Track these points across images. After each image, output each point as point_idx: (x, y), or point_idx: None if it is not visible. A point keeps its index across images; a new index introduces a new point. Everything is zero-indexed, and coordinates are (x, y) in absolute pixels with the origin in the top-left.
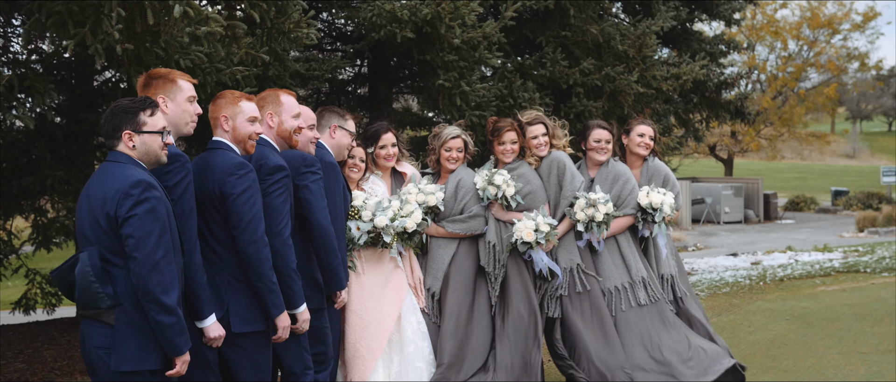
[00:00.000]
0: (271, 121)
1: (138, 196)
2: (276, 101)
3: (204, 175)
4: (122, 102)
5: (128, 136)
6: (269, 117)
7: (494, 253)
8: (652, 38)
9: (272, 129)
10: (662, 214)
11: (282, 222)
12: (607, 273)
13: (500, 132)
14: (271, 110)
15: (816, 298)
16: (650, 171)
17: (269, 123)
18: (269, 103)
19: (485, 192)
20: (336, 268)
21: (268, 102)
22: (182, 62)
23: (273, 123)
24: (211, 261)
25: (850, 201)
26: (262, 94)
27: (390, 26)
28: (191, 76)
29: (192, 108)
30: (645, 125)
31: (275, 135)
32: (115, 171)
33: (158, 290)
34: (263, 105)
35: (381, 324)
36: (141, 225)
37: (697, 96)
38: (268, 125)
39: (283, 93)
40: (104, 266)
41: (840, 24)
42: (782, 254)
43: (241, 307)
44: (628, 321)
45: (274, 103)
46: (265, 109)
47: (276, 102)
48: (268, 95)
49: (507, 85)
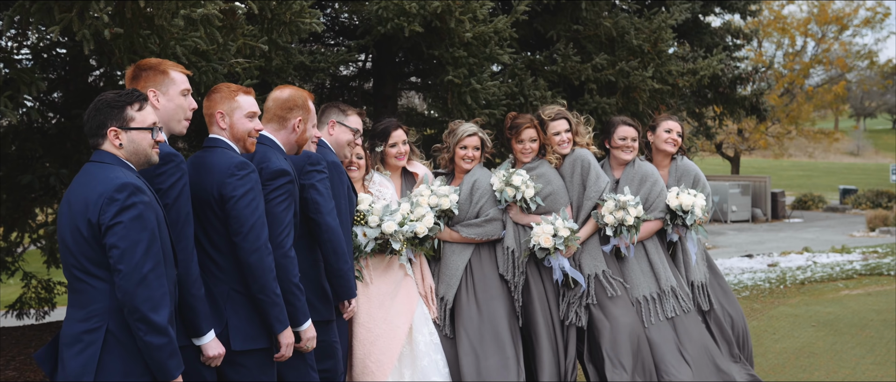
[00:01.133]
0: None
1: (124, 201)
2: (228, 98)
3: (201, 177)
4: (106, 95)
5: (113, 133)
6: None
7: (513, 260)
8: (668, 31)
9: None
10: (694, 216)
11: (283, 233)
12: (635, 282)
13: (519, 129)
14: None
15: (841, 303)
16: (679, 170)
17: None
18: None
19: (502, 194)
20: (346, 274)
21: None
22: (178, 49)
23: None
24: (209, 272)
25: (859, 199)
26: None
27: (398, 20)
28: (186, 67)
29: (186, 102)
30: (671, 121)
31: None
32: (98, 173)
33: (146, 307)
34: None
35: (391, 337)
36: (127, 234)
37: (711, 92)
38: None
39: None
40: (83, 284)
41: (849, 20)
42: (799, 256)
43: (241, 323)
44: (656, 335)
45: (227, 100)
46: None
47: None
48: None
49: (518, 82)
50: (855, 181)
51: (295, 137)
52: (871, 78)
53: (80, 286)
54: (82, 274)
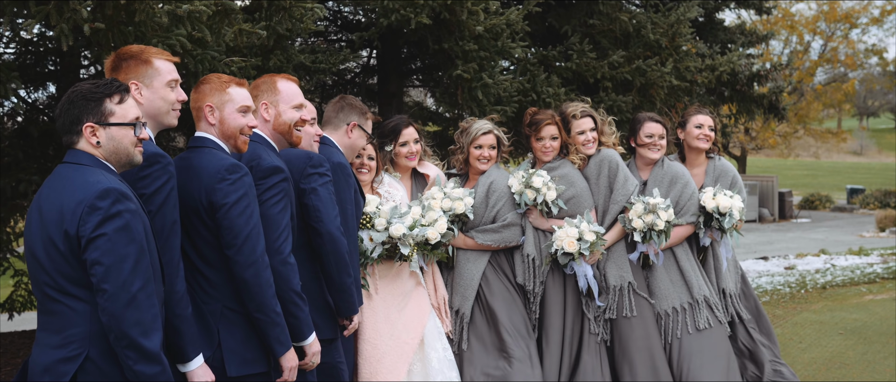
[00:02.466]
0: (267, 113)
1: (107, 210)
2: (272, 88)
3: (187, 181)
4: (81, 85)
5: (90, 130)
6: (263, 109)
7: (533, 268)
8: (686, 25)
9: (268, 123)
10: (732, 220)
11: (281, 237)
12: (662, 293)
13: (539, 125)
14: (267, 100)
15: (867, 309)
16: (717, 170)
17: (264, 115)
18: (263, 92)
19: (522, 197)
20: (349, 289)
21: (262, 90)
22: (162, 46)
23: (269, 116)
24: (199, 288)
25: (867, 199)
26: (255, 81)
27: (404, 11)
28: (179, 56)
29: (173, 94)
30: (702, 115)
31: (271, 130)
32: (75, 176)
33: (136, 332)
34: (257, 94)
35: (399, 355)
36: (112, 248)
37: (728, 90)
38: (263, 118)
39: (281, 79)
40: (58, 305)
41: (857, 18)
42: (816, 258)
43: (237, 345)
44: (686, 349)
45: (270, 91)
46: (259, 98)
47: (272, 90)
48: (262, 82)
49: (530, 78)
50: (860, 181)
51: (270, 126)
52: (877, 76)
53: (54, 307)
54: (58, 294)
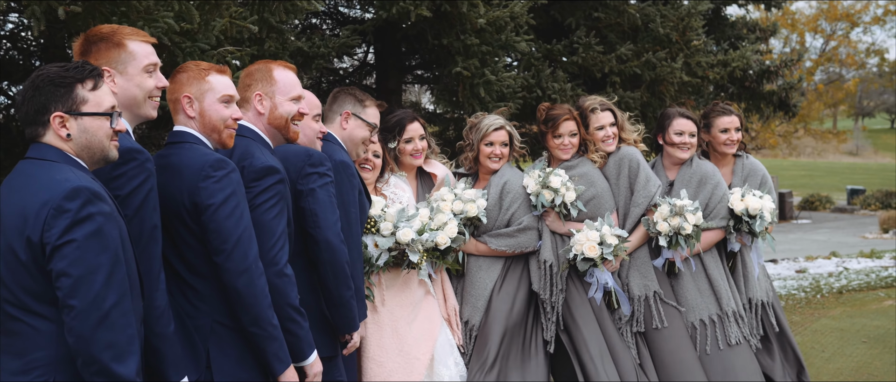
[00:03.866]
0: (261, 105)
1: (77, 212)
2: (267, 77)
3: (168, 181)
4: (48, 68)
5: (59, 120)
6: (257, 100)
7: (551, 275)
8: (697, 19)
9: (262, 116)
10: (764, 223)
11: (276, 246)
12: (691, 303)
13: (556, 121)
14: (261, 91)
15: (888, 315)
16: (745, 170)
17: (258, 107)
18: (257, 81)
19: (539, 198)
20: (348, 303)
21: (256, 78)
22: (148, 30)
23: (263, 108)
24: (186, 301)
25: (868, 199)
26: (248, 67)
27: (403, 3)
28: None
29: (150, 81)
30: (727, 116)
31: (265, 124)
32: (39, 174)
33: (108, 356)
34: (250, 83)
35: (408, 372)
36: (82, 257)
37: (736, 86)
38: (256, 111)
39: (277, 66)
40: (20, 324)
41: (859, 17)
42: (827, 261)
43: (230, 365)
44: (716, 366)
45: (265, 81)
46: (252, 88)
47: (267, 80)
48: (256, 70)
49: (535, 74)
50: (859, 181)
51: (264, 119)
52: (875, 76)
53: (15, 326)
54: (19, 311)
